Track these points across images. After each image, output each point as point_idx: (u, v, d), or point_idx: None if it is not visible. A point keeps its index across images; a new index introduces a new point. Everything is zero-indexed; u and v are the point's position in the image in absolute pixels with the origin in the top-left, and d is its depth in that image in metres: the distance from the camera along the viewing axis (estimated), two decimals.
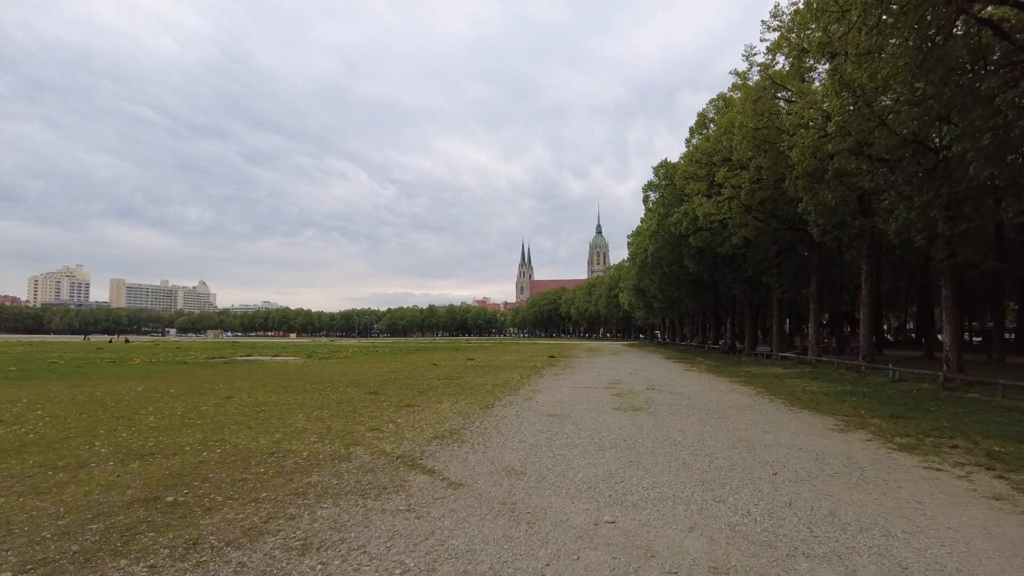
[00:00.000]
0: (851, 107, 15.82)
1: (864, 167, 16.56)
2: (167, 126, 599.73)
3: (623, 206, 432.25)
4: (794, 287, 32.77)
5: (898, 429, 9.63)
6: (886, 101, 15.33)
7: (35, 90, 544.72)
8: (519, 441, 8.36)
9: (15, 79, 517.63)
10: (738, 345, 44.29)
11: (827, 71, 14.87)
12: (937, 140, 15.59)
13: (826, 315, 46.96)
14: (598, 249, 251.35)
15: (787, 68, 24.65)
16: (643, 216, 51.95)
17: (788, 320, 56.58)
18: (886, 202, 15.47)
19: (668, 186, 38.02)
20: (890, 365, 19.72)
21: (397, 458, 7.27)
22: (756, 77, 25.05)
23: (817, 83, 24.05)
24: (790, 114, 20.03)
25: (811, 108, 17.73)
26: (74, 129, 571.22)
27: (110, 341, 70.73)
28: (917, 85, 12.30)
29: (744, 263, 36.74)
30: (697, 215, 28.94)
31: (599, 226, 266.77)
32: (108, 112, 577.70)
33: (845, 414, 11.48)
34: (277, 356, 34.28)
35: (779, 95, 25.25)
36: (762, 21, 23.03)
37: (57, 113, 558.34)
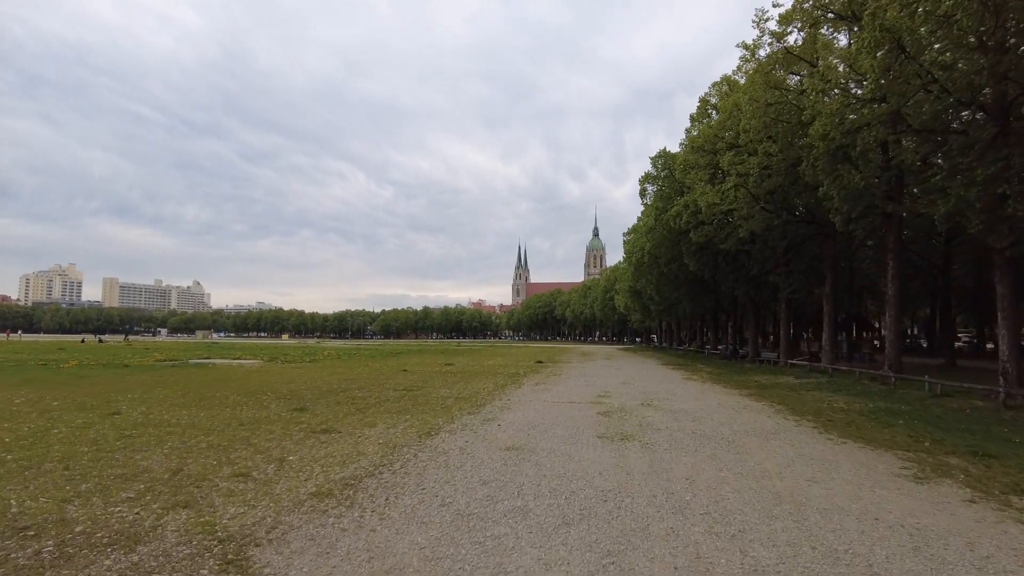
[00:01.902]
0: (890, 67, 12.95)
1: (905, 140, 13.75)
2: (165, 124, 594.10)
3: (620, 209, 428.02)
4: (804, 287, 29.93)
5: (999, 477, 6.74)
6: (933, 56, 12.49)
7: (32, 86, 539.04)
8: (441, 503, 5.44)
9: (12, 75, 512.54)
10: (740, 350, 41.45)
11: (867, 16, 12.06)
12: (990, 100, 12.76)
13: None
14: (595, 252, 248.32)
15: (800, 42, 21.92)
16: (640, 214, 49.18)
17: (791, 324, 53.79)
18: (937, 178, 12.64)
19: (667, 178, 35.22)
20: (926, 377, 16.87)
21: (219, 543, 4.35)
22: (767, 49, 22.26)
23: (834, 59, 21.29)
24: (808, 84, 17.14)
25: (841, 67, 14.85)
26: (71, 126, 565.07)
27: (82, 341, 67.48)
28: (989, 17, 9.51)
29: (748, 261, 33.92)
30: (700, 205, 26.09)
31: (596, 229, 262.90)
32: (106, 109, 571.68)
33: (905, 447, 8.59)
34: (237, 359, 31.26)
35: (793, 71, 22.48)
36: None
37: (54, 109, 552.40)
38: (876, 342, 46.92)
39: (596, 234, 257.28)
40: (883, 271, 33.99)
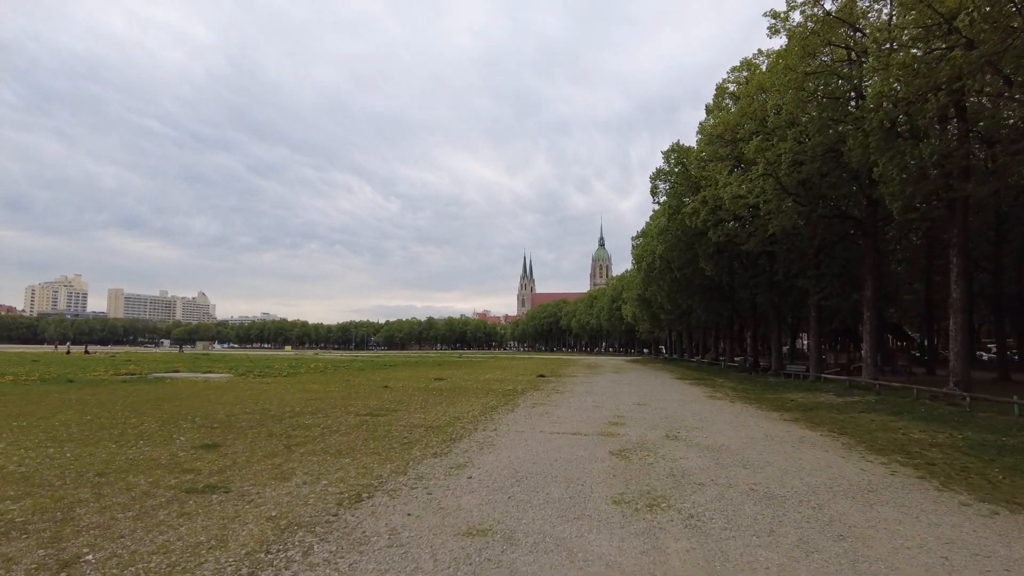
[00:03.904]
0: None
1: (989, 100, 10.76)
2: (174, 137, 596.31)
3: (626, 220, 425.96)
4: (836, 292, 26.75)
5: None
6: None
7: (46, 101, 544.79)
8: None
9: (25, 89, 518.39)
10: (760, 362, 38.13)
11: None
12: None
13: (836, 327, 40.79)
14: (601, 262, 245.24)
15: (834, 9, 19.07)
16: (650, 216, 46.18)
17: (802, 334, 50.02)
18: None
19: (681, 173, 32.26)
20: (1015, 398, 13.72)
21: None
22: (799, 16, 19.38)
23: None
24: (868, 29, 14.15)
25: (919, 4, 11.77)
26: (83, 140, 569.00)
27: (68, 352, 64.96)
28: None
29: (772, 264, 30.85)
30: (722, 199, 23.07)
31: (602, 239, 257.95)
32: (116, 123, 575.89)
33: None
34: (205, 373, 28.34)
35: (831, 42, 19.55)
36: None
37: (66, 124, 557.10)
38: (912, 353, 43.43)
39: (602, 244, 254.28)
40: (920, 273, 30.83)
